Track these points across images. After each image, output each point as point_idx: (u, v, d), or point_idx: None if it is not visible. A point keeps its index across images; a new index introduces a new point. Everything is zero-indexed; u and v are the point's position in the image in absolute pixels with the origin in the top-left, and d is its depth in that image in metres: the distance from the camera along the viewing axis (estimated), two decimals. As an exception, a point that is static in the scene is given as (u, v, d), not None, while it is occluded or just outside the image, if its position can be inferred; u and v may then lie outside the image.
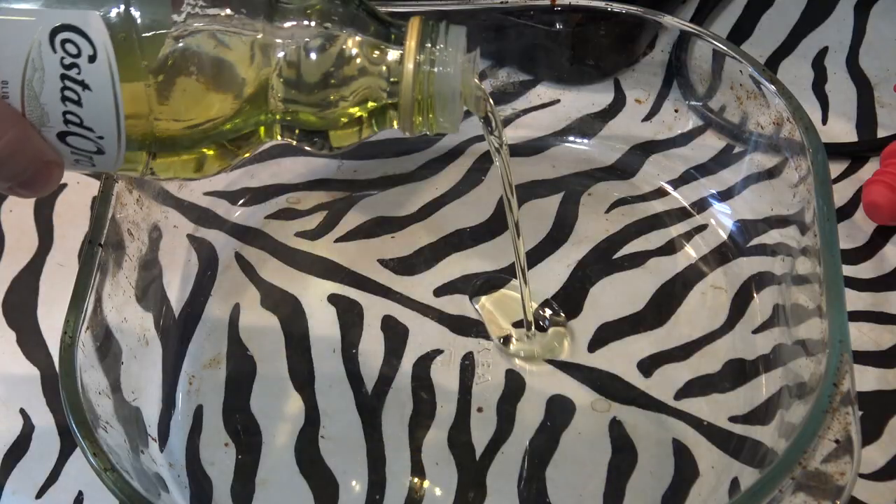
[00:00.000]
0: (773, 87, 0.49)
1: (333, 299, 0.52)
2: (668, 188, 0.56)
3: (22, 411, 0.50)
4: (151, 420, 0.48)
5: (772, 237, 0.51)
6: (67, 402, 0.41)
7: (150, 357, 0.49)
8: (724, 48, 0.52)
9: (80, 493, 0.47)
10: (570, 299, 0.52)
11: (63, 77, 0.33)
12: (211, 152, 0.37)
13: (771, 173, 0.51)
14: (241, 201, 0.57)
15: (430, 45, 0.36)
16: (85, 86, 0.34)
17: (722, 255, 0.53)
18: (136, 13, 0.34)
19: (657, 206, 0.55)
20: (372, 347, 0.50)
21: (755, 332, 0.50)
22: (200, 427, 0.48)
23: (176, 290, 0.53)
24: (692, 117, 0.56)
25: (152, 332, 0.50)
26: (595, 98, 0.59)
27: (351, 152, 0.57)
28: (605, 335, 0.50)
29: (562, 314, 0.51)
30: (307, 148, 0.38)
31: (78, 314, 0.43)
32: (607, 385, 0.48)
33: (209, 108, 0.35)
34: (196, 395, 0.49)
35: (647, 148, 0.57)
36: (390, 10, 0.57)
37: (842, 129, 0.58)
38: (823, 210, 0.44)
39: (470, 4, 0.55)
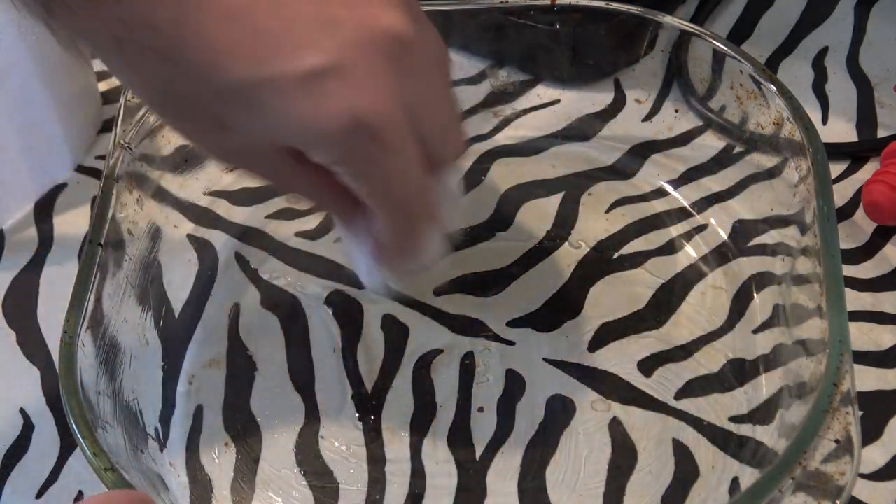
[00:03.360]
0: (773, 87, 0.49)
1: (333, 299, 0.52)
2: (668, 188, 0.56)
3: (22, 411, 0.50)
4: (151, 420, 0.48)
5: (772, 237, 0.51)
6: (67, 402, 0.41)
7: (150, 357, 0.49)
8: (724, 48, 0.52)
9: (81, 493, 0.47)
10: (570, 299, 0.52)
11: None
12: None
13: (771, 173, 0.51)
14: (241, 201, 0.57)
15: None
16: None
17: (722, 255, 0.53)
18: None
19: (657, 206, 0.55)
20: (372, 347, 0.50)
21: (755, 332, 0.50)
22: (200, 427, 0.48)
23: (176, 290, 0.52)
24: (692, 117, 0.56)
25: (152, 332, 0.50)
26: (595, 98, 0.59)
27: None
28: (605, 335, 0.50)
29: None
30: None
31: (78, 314, 0.43)
32: (607, 385, 0.48)
33: None
34: (196, 395, 0.49)
35: (647, 148, 0.57)
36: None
37: (842, 129, 0.58)
38: (823, 210, 0.44)
39: (470, 4, 0.55)
